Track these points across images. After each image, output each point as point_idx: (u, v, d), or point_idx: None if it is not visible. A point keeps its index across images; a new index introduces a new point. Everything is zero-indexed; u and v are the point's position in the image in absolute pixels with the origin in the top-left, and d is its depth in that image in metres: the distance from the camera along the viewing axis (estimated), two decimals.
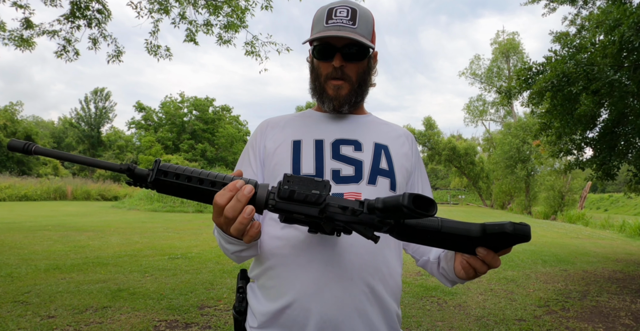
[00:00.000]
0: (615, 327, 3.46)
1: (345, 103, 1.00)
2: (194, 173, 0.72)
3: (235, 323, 1.01)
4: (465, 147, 30.01)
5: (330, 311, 0.87)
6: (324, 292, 0.88)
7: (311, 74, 1.04)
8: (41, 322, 3.11)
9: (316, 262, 0.89)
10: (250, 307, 0.98)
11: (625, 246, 8.81)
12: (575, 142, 6.10)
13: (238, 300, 1.01)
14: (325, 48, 0.96)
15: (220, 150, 34.36)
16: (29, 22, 5.88)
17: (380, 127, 1.08)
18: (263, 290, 0.96)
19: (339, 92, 0.98)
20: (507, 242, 0.68)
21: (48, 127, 47.64)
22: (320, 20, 0.97)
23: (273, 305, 0.91)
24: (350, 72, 0.98)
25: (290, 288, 0.89)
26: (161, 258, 5.66)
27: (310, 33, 1.03)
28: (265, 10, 6.19)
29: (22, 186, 19.75)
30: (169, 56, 6.56)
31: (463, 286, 4.63)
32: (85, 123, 39.72)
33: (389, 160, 1.00)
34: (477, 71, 30.21)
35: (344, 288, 0.88)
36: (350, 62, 0.97)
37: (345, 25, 0.93)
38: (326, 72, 0.98)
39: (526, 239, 0.67)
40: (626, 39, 4.35)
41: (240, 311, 0.99)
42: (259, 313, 0.94)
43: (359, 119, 1.07)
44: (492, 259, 0.72)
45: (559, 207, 21.10)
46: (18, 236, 7.33)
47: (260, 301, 0.95)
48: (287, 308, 0.89)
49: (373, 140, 1.02)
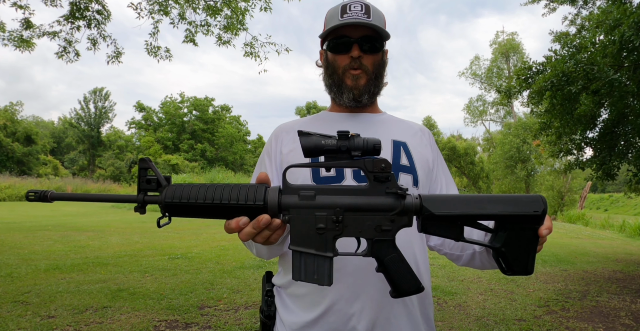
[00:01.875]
0: (615, 327, 3.46)
1: (364, 92, 1.01)
2: (205, 190, 0.70)
3: (263, 327, 0.99)
4: (465, 147, 30.02)
5: (372, 312, 0.88)
6: (361, 295, 0.88)
7: (326, 70, 1.05)
8: (41, 322, 3.11)
9: (349, 266, 0.89)
10: (278, 314, 0.97)
11: (625, 246, 8.81)
12: (575, 142, 6.10)
13: (267, 304, 0.99)
14: (342, 41, 0.98)
15: (220, 150, 34.36)
16: (29, 22, 5.88)
17: (397, 125, 1.08)
18: (294, 299, 0.95)
19: (358, 82, 1.00)
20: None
21: (48, 127, 47.61)
22: (334, 16, 0.99)
23: (308, 314, 0.90)
24: (367, 63, 0.99)
25: (326, 294, 0.89)
26: (161, 258, 5.66)
27: (323, 31, 1.04)
28: (264, 11, 6.20)
29: (22, 186, 19.76)
30: (169, 57, 6.56)
31: (463, 286, 4.63)
32: (85, 123, 39.70)
33: (408, 156, 1.00)
34: (477, 71, 30.22)
35: (379, 289, 0.89)
36: (367, 54, 0.99)
37: (361, 17, 0.96)
38: (344, 64, 1.00)
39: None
40: (626, 39, 4.35)
41: (269, 316, 0.98)
42: (290, 322, 0.93)
43: (374, 117, 1.07)
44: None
45: (559, 207, 21.10)
46: (18, 236, 7.33)
47: (291, 310, 0.94)
48: (326, 314, 0.88)
49: (391, 137, 1.02)
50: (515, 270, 0.73)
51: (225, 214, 0.70)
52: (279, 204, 0.70)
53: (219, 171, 19.65)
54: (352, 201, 0.70)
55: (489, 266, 0.93)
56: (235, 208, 0.69)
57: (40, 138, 35.28)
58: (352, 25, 0.96)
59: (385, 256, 0.72)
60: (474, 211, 0.71)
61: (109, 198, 0.72)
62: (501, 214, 0.71)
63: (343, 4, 0.99)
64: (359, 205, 0.70)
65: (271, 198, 0.69)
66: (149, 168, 0.70)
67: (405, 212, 0.71)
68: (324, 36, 1.02)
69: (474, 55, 41.10)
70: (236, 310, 3.56)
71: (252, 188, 0.70)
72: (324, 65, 1.07)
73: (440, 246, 1.04)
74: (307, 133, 0.70)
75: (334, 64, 1.01)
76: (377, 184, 0.71)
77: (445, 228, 0.72)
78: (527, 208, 0.71)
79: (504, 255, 0.73)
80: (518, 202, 0.71)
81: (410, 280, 0.73)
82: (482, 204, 0.71)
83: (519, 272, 0.73)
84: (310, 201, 0.70)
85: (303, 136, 0.70)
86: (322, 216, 0.70)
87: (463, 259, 0.98)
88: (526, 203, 0.71)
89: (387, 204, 0.70)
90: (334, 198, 0.70)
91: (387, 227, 0.71)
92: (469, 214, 0.71)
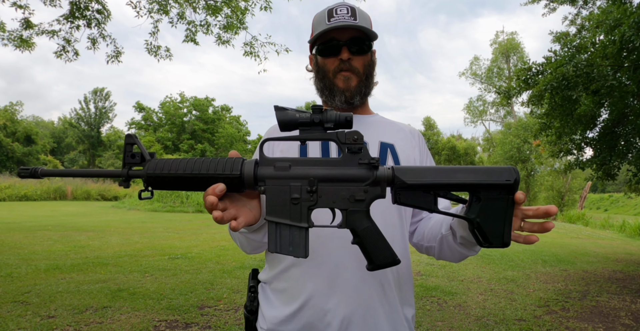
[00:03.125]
0: (615, 327, 3.46)
1: (356, 94, 1.02)
2: (184, 164, 0.73)
3: (246, 323, 1.02)
4: (465, 147, 30.05)
5: (348, 308, 0.88)
6: (337, 291, 0.89)
7: (317, 74, 1.06)
8: (41, 322, 3.11)
9: (329, 262, 0.90)
10: (260, 308, 0.99)
11: (625, 246, 8.81)
12: (575, 142, 6.10)
13: (250, 299, 1.02)
14: (331, 44, 1.00)
15: (220, 150, 34.36)
16: (29, 22, 5.88)
17: (387, 126, 1.09)
18: (276, 294, 0.96)
19: (349, 84, 1.01)
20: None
21: (48, 127, 47.59)
22: (321, 21, 1.00)
23: (287, 308, 0.92)
24: (357, 65, 1.01)
25: (304, 288, 0.90)
26: (161, 258, 5.66)
27: (311, 36, 1.05)
28: (264, 11, 6.20)
29: (22, 186, 19.74)
30: (169, 56, 6.56)
31: (463, 286, 4.63)
32: (85, 123, 39.69)
33: (395, 158, 1.02)
34: (477, 71, 30.22)
35: (356, 286, 0.90)
36: (356, 56, 1.00)
37: (348, 20, 0.97)
38: (333, 67, 1.01)
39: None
40: (626, 39, 4.35)
41: (251, 311, 1.01)
42: (271, 316, 0.94)
43: (364, 119, 1.08)
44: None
45: (559, 207, 21.11)
46: (18, 236, 7.33)
47: (272, 305, 0.96)
48: (302, 309, 0.90)
49: (379, 139, 1.03)
50: (491, 242, 0.73)
51: (203, 185, 0.72)
52: (254, 175, 0.71)
53: None
54: (326, 172, 0.72)
55: (457, 253, 0.91)
56: (213, 178, 0.71)
57: (40, 138, 35.29)
58: (340, 28, 0.98)
59: (360, 227, 0.73)
60: (446, 181, 0.72)
61: (96, 173, 0.74)
62: (473, 183, 0.72)
63: (329, 8, 1.01)
64: (332, 175, 0.72)
65: (247, 169, 0.71)
66: (134, 143, 0.73)
67: (378, 182, 0.72)
68: (313, 41, 1.04)
69: (474, 55, 41.19)
70: (236, 310, 3.56)
71: (229, 160, 0.72)
72: (314, 69, 1.08)
73: (421, 241, 1.03)
74: (282, 108, 0.72)
75: (324, 67, 1.03)
76: (350, 156, 0.72)
77: (418, 198, 0.73)
78: (499, 177, 0.72)
79: (479, 227, 0.73)
80: (490, 172, 0.72)
81: (386, 251, 0.74)
82: (454, 174, 0.72)
83: (496, 244, 0.73)
84: (285, 171, 0.72)
85: (279, 110, 0.72)
86: (297, 187, 0.71)
87: (436, 250, 0.97)
88: (498, 172, 0.72)
89: (360, 175, 0.72)
90: (308, 169, 0.72)
91: (361, 197, 0.72)
92: (441, 183, 0.72)
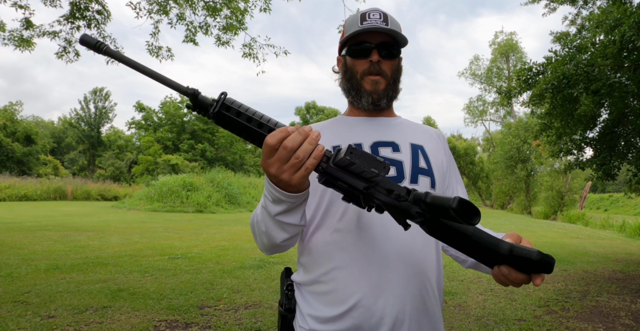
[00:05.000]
0: (615, 327, 3.46)
1: (383, 97, 1.03)
2: (255, 115, 0.73)
3: (282, 321, 1.01)
4: (465, 147, 30.03)
5: (395, 309, 0.90)
6: (384, 292, 0.90)
7: (344, 75, 1.07)
8: (41, 322, 3.11)
9: (374, 264, 0.91)
10: (299, 308, 0.99)
11: (625, 246, 8.81)
12: (575, 142, 6.10)
13: (287, 298, 1.02)
14: (362, 47, 1.02)
15: (220, 150, 34.35)
16: (29, 22, 5.88)
17: (413, 128, 1.11)
18: (316, 296, 0.96)
19: (377, 87, 1.02)
20: (529, 269, 0.70)
21: (48, 127, 47.54)
22: (353, 24, 1.03)
23: (332, 310, 0.92)
24: (386, 68, 1.02)
25: (350, 291, 0.91)
26: (161, 258, 5.66)
27: (341, 38, 1.08)
28: (263, 12, 6.20)
29: (22, 186, 19.74)
30: (171, 57, 6.57)
31: (463, 286, 4.63)
32: (85, 123, 39.66)
33: (426, 159, 1.03)
34: (476, 72, 30.22)
35: (404, 286, 0.91)
36: (385, 59, 1.02)
37: (380, 24, 0.99)
38: (362, 69, 1.02)
39: (548, 271, 0.69)
40: (627, 39, 4.35)
41: (289, 309, 1.01)
42: (312, 316, 0.95)
43: (391, 121, 1.10)
44: (514, 279, 0.72)
45: (559, 207, 21.09)
46: (18, 236, 7.33)
47: (312, 306, 0.96)
48: (349, 311, 0.90)
49: (409, 141, 1.04)
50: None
51: (259, 138, 0.73)
52: None
53: (219, 171, 19.57)
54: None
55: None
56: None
57: (40, 138, 35.26)
58: (371, 32, 1.00)
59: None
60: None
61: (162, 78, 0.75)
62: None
63: (362, 12, 1.03)
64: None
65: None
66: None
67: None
68: (343, 42, 1.06)
69: (474, 55, 41.12)
70: (236, 310, 3.56)
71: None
72: (341, 70, 1.10)
73: (446, 247, 1.07)
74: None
75: (352, 68, 1.04)
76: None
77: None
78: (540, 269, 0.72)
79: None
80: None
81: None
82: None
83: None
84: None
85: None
86: None
87: (468, 264, 1.02)
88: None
89: None
90: None
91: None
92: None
